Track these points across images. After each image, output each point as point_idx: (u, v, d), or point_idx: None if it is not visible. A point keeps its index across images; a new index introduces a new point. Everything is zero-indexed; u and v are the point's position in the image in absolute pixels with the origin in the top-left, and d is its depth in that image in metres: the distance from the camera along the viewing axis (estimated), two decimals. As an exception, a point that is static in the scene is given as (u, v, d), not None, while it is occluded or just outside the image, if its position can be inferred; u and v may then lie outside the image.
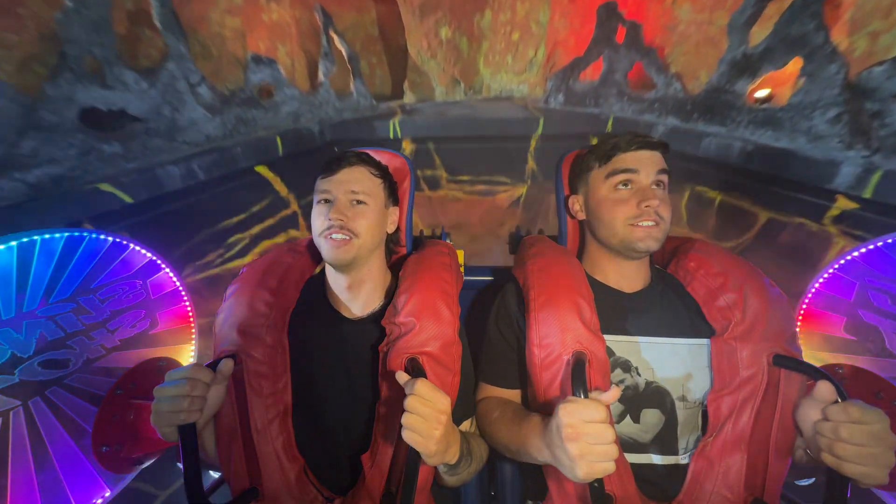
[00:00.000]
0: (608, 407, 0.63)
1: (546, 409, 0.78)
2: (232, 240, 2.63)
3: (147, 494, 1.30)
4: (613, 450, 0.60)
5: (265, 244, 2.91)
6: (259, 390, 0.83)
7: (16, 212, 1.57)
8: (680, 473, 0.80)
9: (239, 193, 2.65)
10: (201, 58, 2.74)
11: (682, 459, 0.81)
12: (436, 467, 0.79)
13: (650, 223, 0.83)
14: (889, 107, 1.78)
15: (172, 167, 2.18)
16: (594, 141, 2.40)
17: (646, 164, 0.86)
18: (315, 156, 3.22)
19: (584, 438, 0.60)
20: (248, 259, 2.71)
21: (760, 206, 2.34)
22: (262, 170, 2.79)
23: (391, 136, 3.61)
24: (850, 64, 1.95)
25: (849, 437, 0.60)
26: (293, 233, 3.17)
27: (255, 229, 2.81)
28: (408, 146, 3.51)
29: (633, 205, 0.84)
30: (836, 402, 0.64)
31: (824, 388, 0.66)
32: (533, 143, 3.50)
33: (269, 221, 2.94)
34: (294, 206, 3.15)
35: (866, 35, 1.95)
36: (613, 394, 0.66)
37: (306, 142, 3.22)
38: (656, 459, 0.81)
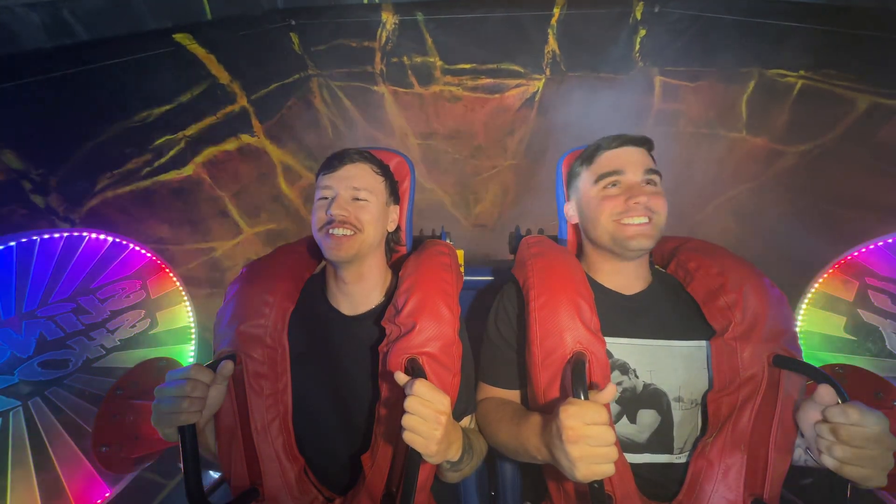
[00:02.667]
0: (608, 408, 0.62)
1: (546, 410, 0.78)
2: (160, 142, 1.90)
3: (155, 484, 1.30)
4: (613, 452, 0.60)
5: (210, 152, 2.12)
6: (259, 391, 0.83)
7: None
8: (677, 472, 0.80)
9: (154, 71, 1.82)
10: None
11: (677, 459, 0.81)
12: (437, 464, 0.79)
13: (641, 220, 0.82)
14: None
15: (26, 9, 1.27)
16: (640, 9, 2.04)
17: (632, 164, 0.86)
18: (261, 31, 2.27)
19: (585, 441, 0.60)
20: (188, 170, 2.03)
21: (862, 88, 1.70)
22: (183, 39, 1.90)
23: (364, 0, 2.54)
24: None
25: (848, 439, 0.60)
26: (246, 139, 2.29)
27: (192, 130, 2.04)
28: (389, 18, 2.41)
29: (621, 201, 0.84)
30: (837, 403, 0.64)
31: (825, 392, 0.66)
32: (556, 12, 2.35)
33: (209, 120, 2.11)
34: (242, 101, 2.24)
35: None
36: (610, 392, 0.66)
37: (246, 4, 2.27)
38: (652, 458, 0.81)
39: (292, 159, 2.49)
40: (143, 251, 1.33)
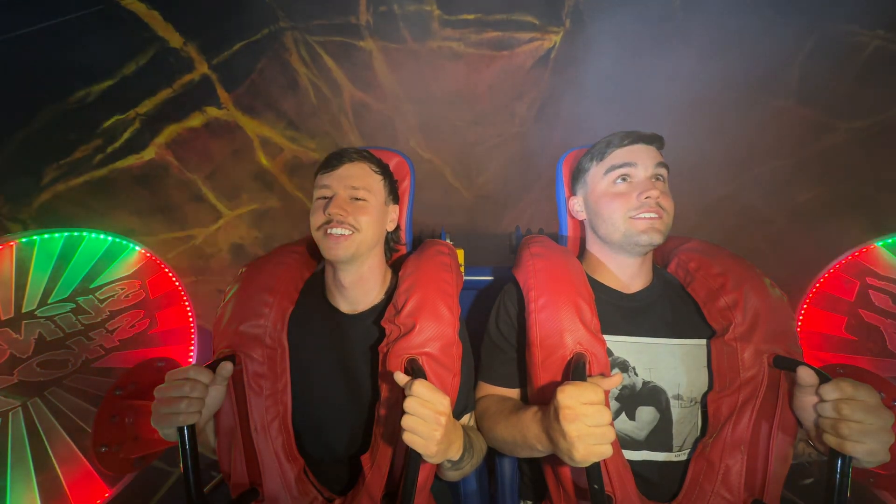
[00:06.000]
0: (607, 395, 0.63)
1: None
2: (110, 122, 1.65)
3: (161, 471, 1.29)
4: (611, 431, 0.61)
5: (173, 130, 1.85)
6: (259, 391, 0.83)
7: None
8: (677, 471, 0.80)
9: (83, 38, 1.52)
10: None
11: (676, 456, 0.81)
12: (437, 464, 0.79)
13: (652, 214, 0.83)
14: None
15: None
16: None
17: (643, 158, 0.86)
18: None
19: (582, 419, 0.60)
20: (149, 154, 1.78)
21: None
22: None
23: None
24: None
25: (849, 413, 0.60)
26: (213, 112, 1.97)
27: (145, 105, 1.75)
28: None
29: (633, 197, 0.84)
30: (819, 383, 0.65)
31: (805, 374, 0.67)
32: (583, -51, 1.96)
33: (165, 92, 1.81)
34: (202, 67, 1.89)
35: None
36: (615, 379, 0.66)
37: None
38: (651, 456, 0.81)
39: (270, 131, 2.16)
40: (143, 251, 1.32)
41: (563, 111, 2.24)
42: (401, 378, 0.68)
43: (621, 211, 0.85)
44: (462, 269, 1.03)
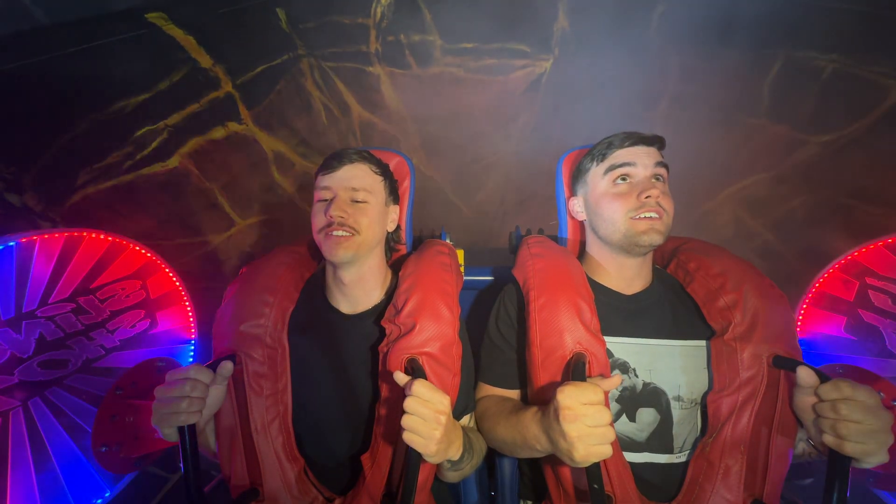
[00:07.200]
0: (607, 395, 0.63)
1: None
2: (141, 132, 1.84)
3: (158, 477, 1.30)
4: (610, 432, 0.61)
5: (196, 142, 2.05)
6: (259, 391, 0.83)
7: None
8: (677, 472, 0.80)
9: (127, 57, 1.71)
10: None
11: (677, 458, 0.81)
12: (437, 464, 0.79)
13: (653, 214, 0.83)
14: None
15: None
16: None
17: (642, 158, 0.86)
18: (244, 7, 2.12)
19: (582, 420, 0.60)
20: (173, 162, 1.95)
21: (899, 78, 1.60)
22: (158, 19, 1.75)
23: (357, -25, 2.35)
24: None
25: (848, 413, 0.60)
26: (234, 127, 2.18)
27: (174, 118, 1.96)
28: (385, -9, 2.22)
29: (633, 197, 0.84)
30: (819, 383, 0.65)
31: (805, 374, 0.67)
32: (569, -16, 2.20)
33: (193, 107, 2.03)
34: (227, 86, 2.12)
35: None
36: (614, 381, 0.66)
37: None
38: (652, 458, 0.81)
39: (284, 147, 2.37)
40: (143, 251, 1.33)
41: (555, 131, 2.44)
42: (401, 378, 0.69)
43: (622, 211, 0.85)
44: (462, 269, 1.03)
